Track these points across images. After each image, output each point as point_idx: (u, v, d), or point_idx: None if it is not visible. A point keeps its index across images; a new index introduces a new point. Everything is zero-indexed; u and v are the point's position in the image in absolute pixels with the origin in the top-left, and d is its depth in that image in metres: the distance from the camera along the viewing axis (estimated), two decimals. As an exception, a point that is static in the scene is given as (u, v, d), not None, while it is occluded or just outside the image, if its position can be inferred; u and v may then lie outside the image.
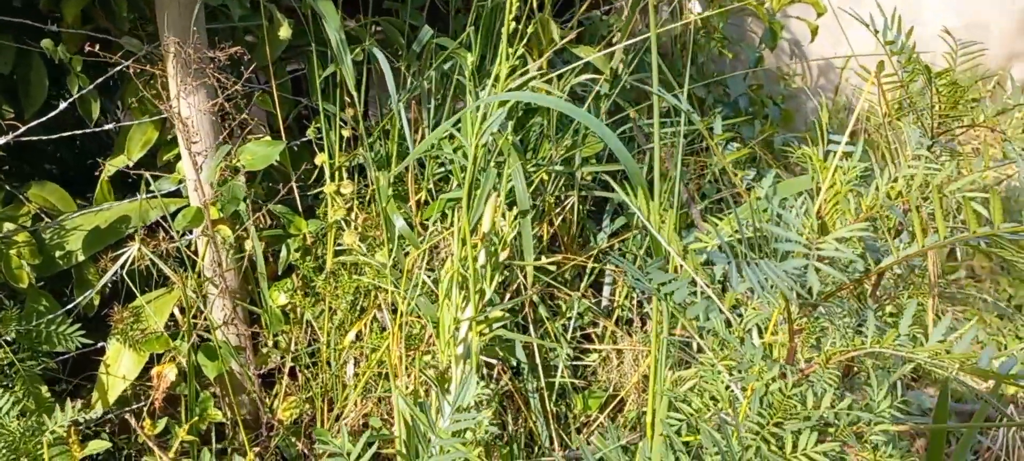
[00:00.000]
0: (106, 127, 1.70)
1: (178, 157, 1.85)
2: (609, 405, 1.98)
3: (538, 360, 1.88)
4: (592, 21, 2.28)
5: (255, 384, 1.86)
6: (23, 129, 1.58)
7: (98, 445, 1.47)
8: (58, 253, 1.75)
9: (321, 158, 1.75)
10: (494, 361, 1.84)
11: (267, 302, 1.84)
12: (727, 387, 0.81)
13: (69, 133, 1.63)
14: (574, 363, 2.02)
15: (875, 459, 0.76)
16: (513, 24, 1.02)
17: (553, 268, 1.94)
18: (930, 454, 1.10)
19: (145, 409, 1.81)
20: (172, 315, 1.82)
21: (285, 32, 1.72)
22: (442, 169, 1.89)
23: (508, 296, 1.72)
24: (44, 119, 1.60)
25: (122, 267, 1.70)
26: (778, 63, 3.02)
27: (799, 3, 2.57)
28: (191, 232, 1.81)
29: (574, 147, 1.89)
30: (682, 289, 0.82)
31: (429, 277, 1.76)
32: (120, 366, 1.78)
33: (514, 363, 1.90)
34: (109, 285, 1.80)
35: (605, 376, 2.04)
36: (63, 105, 1.61)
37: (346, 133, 1.78)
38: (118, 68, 1.63)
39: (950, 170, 0.77)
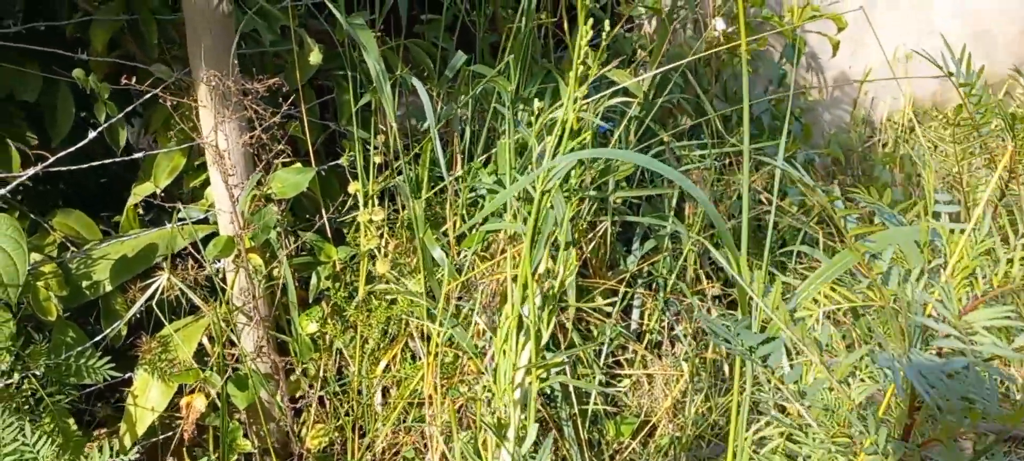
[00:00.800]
0: (136, 155, 1.66)
1: (205, 184, 1.82)
2: (641, 431, 1.96)
3: (571, 386, 1.86)
4: (616, 39, 2.25)
5: (286, 413, 1.82)
6: (52, 159, 1.54)
7: (136, 487, 1.43)
8: (85, 283, 1.71)
9: (354, 186, 1.72)
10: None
11: (297, 330, 1.81)
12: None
13: (98, 163, 1.59)
14: (605, 388, 2.00)
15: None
16: (582, 66, 0.99)
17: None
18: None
19: (176, 442, 1.78)
20: (200, 344, 1.79)
21: (316, 57, 1.69)
22: (473, 194, 1.86)
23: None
24: (73, 149, 1.56)
25: (151, 297, 1.66)
26: (794, 76, 3.00)
27: (819, 18, 2.56)
28: (218, 260, 1.78)
29: (607, 171, 1.86)
30: (778, 354, 0.80)
31: (464, 306, 1.73)
32: (148, 397, 1.74)
33: (548, 390, 1.87)
34: (136, 315, 1.77)
35: (635, 401, 2.02)
36: (93, 134, 1.57)
37: (378, 159, 1.75)
38: (147, 96, 1.60)
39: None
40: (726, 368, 2.04)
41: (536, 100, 1.21)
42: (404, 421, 1.84)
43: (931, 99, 3.60)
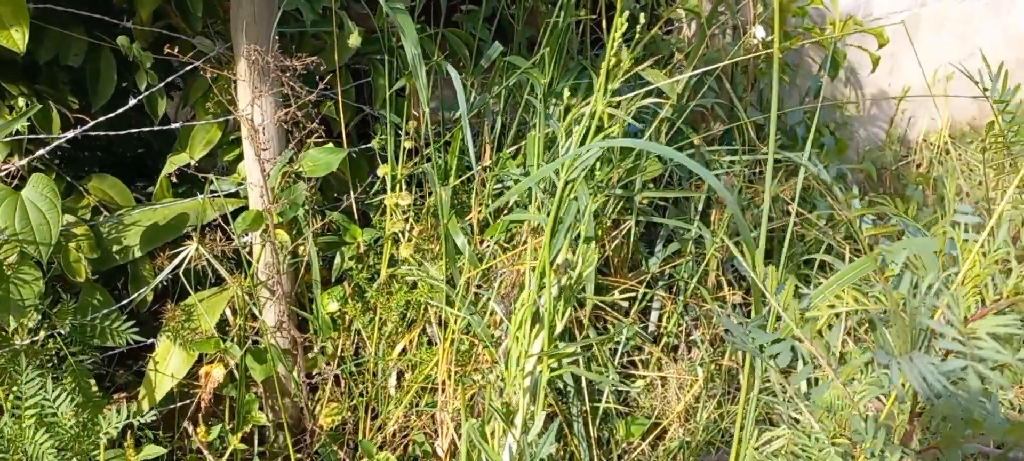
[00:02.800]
0: (174, 126, 1.69)
1: (238, 158, 1.84)
2: (651, 433, 1.96)
3: (584, 383, 1.87)
4: (655, 40, 2.25)
5: (302, 389, 1.85)
6: (91, 124, 1.57)
7: (153, 450, 1.47)
8: (115, 248, 1.75)
9: (384, 169, 1.74)
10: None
11: (318, 308, 1.83)
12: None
13: (136, 130, 1.62)
14: (618, 388, 2.00)
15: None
16: (614, 59, 1.00)
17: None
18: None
19: (192, 409, 1.81)
20: (222, 315, 1.82)
21: (355, 40, 1.71)
22: (499, 186, 1.87)
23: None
24: (113, 115, 1.60)
25: (179, 266, 1.70)
26: (832, 91, 2.98)
27: (860, 33, 2.53)
28: (246, 234, 1.80)
29: (634, 170, 1.87)
30: (785, 353, 0.80)
31: (483, 295, 1.75)
32: (169, 364, 1.77)
33: (560, 385, 1.88)
34: (162, 282, 1.80)
35: (648, 403, 2.02)
36: (133, 101, 1.61)
37: (408, 145, 1.77)
38: (188, 68, 1.63)
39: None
40: (741, 377, 2.03)
41: (573, 98, 1.22)
42: (416, 405, 1.86)
43: (969, 122, 3.55)
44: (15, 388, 1.43)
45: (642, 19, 1.04)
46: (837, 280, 0.81)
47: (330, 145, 1.75)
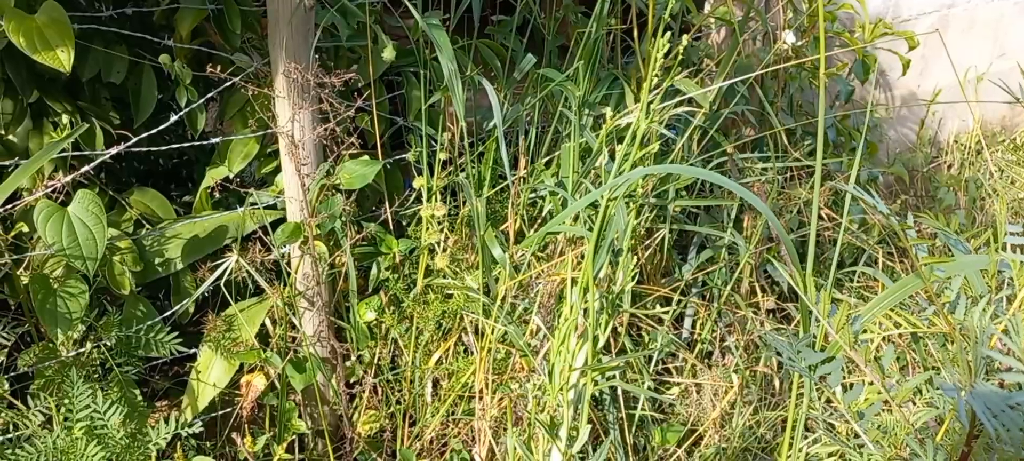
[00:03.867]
0: (214, 140, 1.72)
1: (275, 170, 1.87)
2: (687, 439, 1.97)
3: (620, 390, 1.88)
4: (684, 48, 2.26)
5: (342, 398, 1.87)
6: (135, 140, 1.60)
7: (201, 461, 1.50)
8: (157, 260, 1.78)
9: (419, 181, 1.76)
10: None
11: (355, 318, 1.86)
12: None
13: (178, 146, 1.65)
14: (654, 394, 2.01)
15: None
16: (656, 77, 1.01)
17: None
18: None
19: (234, 418, 1.84)
20: (262, 325, 1.85)
21: (389, 54, 1.73)
22: (532, 195, 1.89)
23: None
24: (155, 130, 1.63)
25: (220, 278, 1.72)
26: (862, 93, 2.97)
27: (890, 36, 2.52)
28: (285, 245, 1.83)
29: (667, 179, 1.87)
30: (837, 373, 0.81)
31: (519, 304, 1.76)
32: (211, 374, 1.80)
33: (596, 393, 1.89)
34: (203, 293, 1.83)
35: (683, 409, 2.02)
36: (175, 117, 1.64)
37: (443, 156, 1.79)
38: (228, 84, 1.65)
39: None
40: (776, 383, 2.03)
41: (608, 110, 1.23)
42: (453, 413, 1.88)
43: (1000, 123, 3.52)
44: (66, 400, 1.47)
45: (682, 40, 1.05)
46: (885, 298, 0.82)
47: (365, 157, 1.77)
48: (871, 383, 0.99)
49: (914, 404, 0.80)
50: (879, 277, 0.98)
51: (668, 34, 1.00)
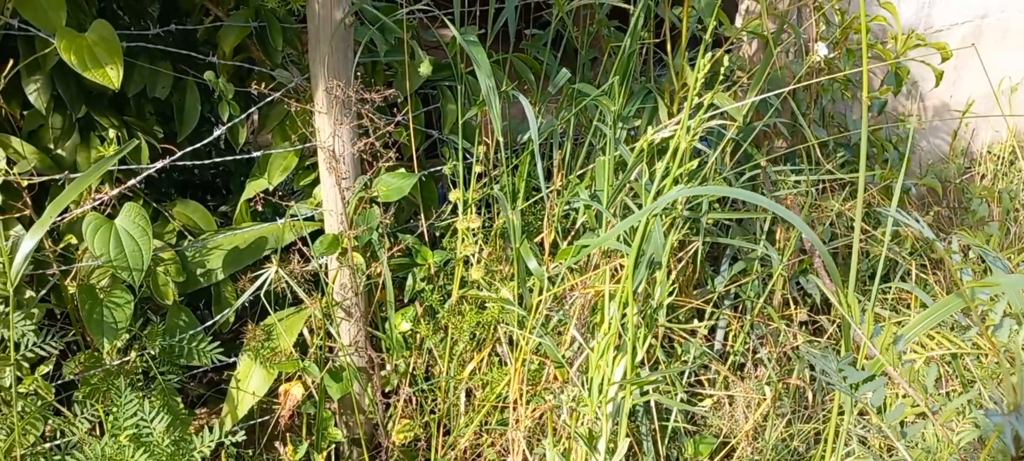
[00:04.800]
0: (255, 154, 1.76)
1: (313, 183, 1.91)
2: (720, 451, 1.97)
3: (653, 402, 1.89)
4: (716, 61, 2.27)
5: (378, 407, 1.90)
6: (179, 154, 1.64)
7: (245, 470, 1.53)
8: (200, 271, 1.82)
9: (455, 194, 1.79)
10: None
11: (391, 328, 1.89)
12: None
13: (220, 160, 1.69)
14: (687, 406, 2.01)
15: None
16: (697, 97, 1.03)
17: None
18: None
19: (271, 426, 1.87)
20: (300, 335, 1.88)
21: (425, 69, 1.76)
22: (566, 207, 1.91)
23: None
24: (199, 145, 1.67)
25: (260, 288, 1.76)
26: (894, 103, 2.96)
27: (922, 47, 2.51)
28: (323, 256, 1.86)
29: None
30: (880, 392, 0.82)
31: (554, 316, 1.78)
32: (250, 382, 1.84)
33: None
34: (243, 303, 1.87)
35: (716, 421, 2.03)
36: (218, 132, 1.67)
37: (478, 168, 1.81)
38: (268, 99, 1.69)
39: None
40: (809, 395, 2.03)
41: (642, 122, 1.25)
42: (487, 424, 1.90)
43: (1035, 132, 3.48)
44: (115, 409, 1.50)
45: (722, 60, 1.06)
46: (927, 317, 0.83)
47: (401, 170, 1.80)
48: (906, 395, 0.99)
49: (956, 423, 0.81)
50: (918, 293, 0.99)
51: (709, 54, 1.01)
